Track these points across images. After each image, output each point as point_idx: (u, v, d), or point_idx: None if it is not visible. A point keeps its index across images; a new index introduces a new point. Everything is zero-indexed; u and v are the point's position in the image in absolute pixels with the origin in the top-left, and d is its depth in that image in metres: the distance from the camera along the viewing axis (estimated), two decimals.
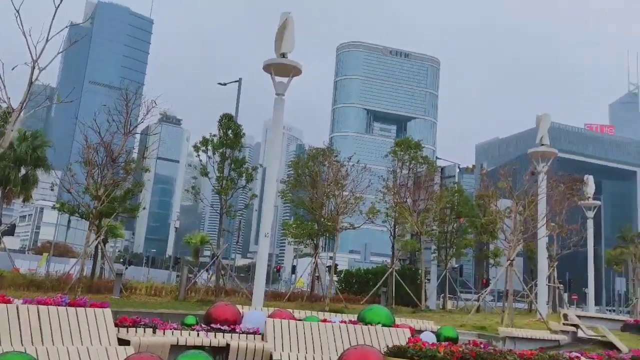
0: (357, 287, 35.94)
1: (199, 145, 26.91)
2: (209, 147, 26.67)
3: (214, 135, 26.88)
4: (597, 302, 53.03)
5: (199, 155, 27.03)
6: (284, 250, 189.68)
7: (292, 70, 19.24)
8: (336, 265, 32.88)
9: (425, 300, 32.45)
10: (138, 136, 28.84)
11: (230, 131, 27.05)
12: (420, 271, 33.44)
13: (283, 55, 19.08)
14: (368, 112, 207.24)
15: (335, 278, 32.96)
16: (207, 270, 30.90)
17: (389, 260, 34.14)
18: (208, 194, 31.19)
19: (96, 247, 25.38)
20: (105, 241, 29.09)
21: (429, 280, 37.16)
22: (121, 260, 76.66)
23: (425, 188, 34.78)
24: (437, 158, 52.80)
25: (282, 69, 19.27)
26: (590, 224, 35.07)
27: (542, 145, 26.95)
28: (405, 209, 31.72)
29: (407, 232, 35.88)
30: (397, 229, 34.05)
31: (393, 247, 33.60)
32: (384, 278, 30.69)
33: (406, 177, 34.43)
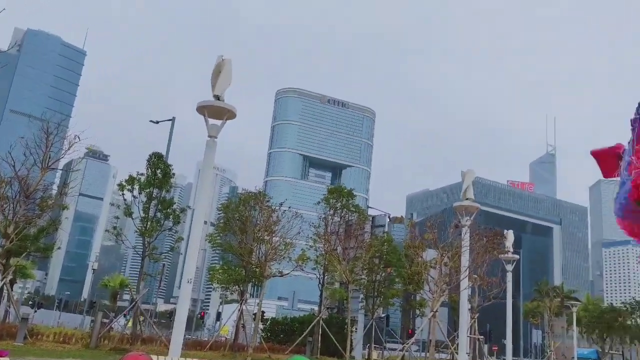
0: (283, 335, 35.14)
1: (124, 183, 25.95)
2: (136, 186, 25.76)
3: (142, 174, 26.05)
4: (515, 354, 54.56)
5: (123, 193, 26.04)
6: (209, 295, 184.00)
7: (226, 113, 19.05)
8: (263, 312, 32.10)
9: (351, 351, 32.10)
10: (59, 171, 27.47)
11: (159, 171, 26.31)
12: (347, 320, 33.23)
13: (217, 98, 18.95)
14: (304, 158, 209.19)
15: (261, 326, 32.08)
16: (124, 316, 29.26)
17: (317, 308, 33.71)
18: (132, 234, 29.91)
19: (1, 288, 23.50)
20: (13, 282, 27.01)
21: (356, 329, 36.92)
22: (30, 302, 71.50)
23: (355, 236, 35.00)
24: (368, 207, 53.66)
25: (215, 111, 19.05)
26: (509, 277, 36.35)
27: (467, 199, 27.94)
28: (334, 257, 31.68)
29: (335, 280, 35.78)
30: (326, 277, 33.86)
31: (321, 295, 33.30)
32: (310, 327, 30.20)
33: (337, 225, 34.57)
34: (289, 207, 30.37)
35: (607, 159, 6.33)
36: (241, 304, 28.60)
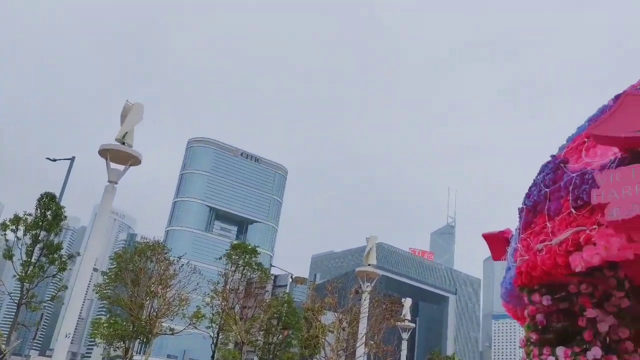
0: None
1: (8, 223, 23.84)
2: (21, 227, 23.73)
3: (29, 214, 24.09)
4: None
5: (5, 233, 23.86)
6: (91, 350, 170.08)
7: (130, 159, 18.28)
8: None
9: None
10: None
11: (49, 212, 24.48)
12: None
13: (123, 142, 18.18)
14: (210, 210, 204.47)
15: None
16: None
17: None
18: (10, 279, 27.25)
19: None
20: None
21: None
22: None
23: (255, 295, 34.16)
24: (272, 265, 52.91)
25: (119, 155, 18.23)
26: (404, 345, 36.79)
27: (369, 265, 28.31)
28: (231, 316, 30.56)
29: (230, 340, 34.39)
30: (220, 337, 32.46)
31: (213, 355, 31.75)
32: None
33: (238, 282, 33.62)
34: (188, 262, 29.18)
35: (497, 242, 6.56)
36: None
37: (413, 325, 37.58)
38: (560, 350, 4.72)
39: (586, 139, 5.17)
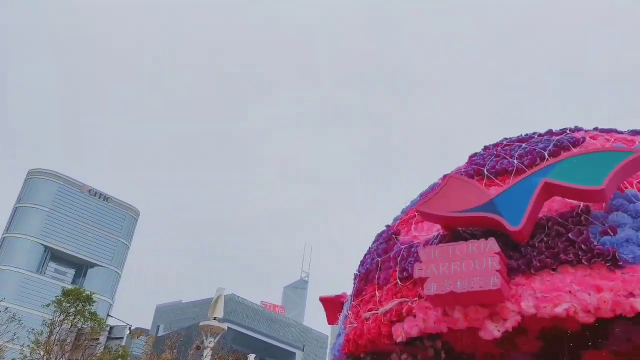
0: None
1: None
2: None
3: None
4: None
5: None
6: None
7: None
8: None
9: None
10: None
11: None
12: None
13: None
14: (45, 249, 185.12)
15: None
16: None
17: None
18: None
19: None
20: None
21: None
22: None
23: (84, 348, 31.09)
24: (109, 315, 48.85)
25: None
26: None
27: (214, 319, 27.34)
28: None
29: None
30: None
31: None
32: None
33: (66, 333, 30.43)
34: (7, 308, 25.84)
35: (332, 306, 6.63)
36: None
37: None
38: None
39: (416, 213, 5.50)
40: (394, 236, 5.54)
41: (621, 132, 5.79)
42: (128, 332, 42.64)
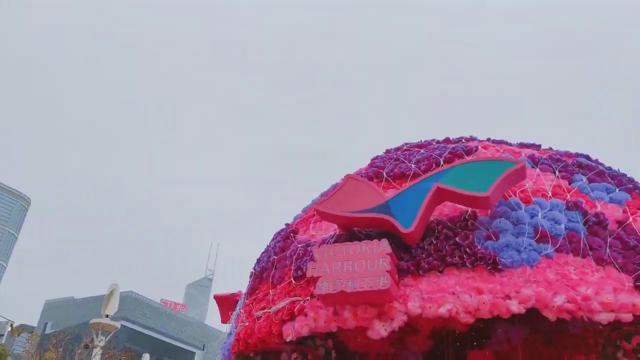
0: None
1: None
2: None
3: None
4: None
5: None
6: None
7: None
8: None
9: None
10: None
11: None
12: None
13: None
14: None
15: None
16: None
17: None
18: None
19: None
20: None
21: None
22: None
23: None
24: None
25: None
26: None
27: (106, 316, 26.05)
28: None
29: None
30: None
31: None
32: None
33: None
34: None
35: (227, 305, 6.47)
36: None
37: None
38: None
39: (315, 212, 5.49)
40: (292, 235, 5.50)
41: (510, 144, 6.15)
42: (9, 329, 39.58)
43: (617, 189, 4.90)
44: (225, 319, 6.40)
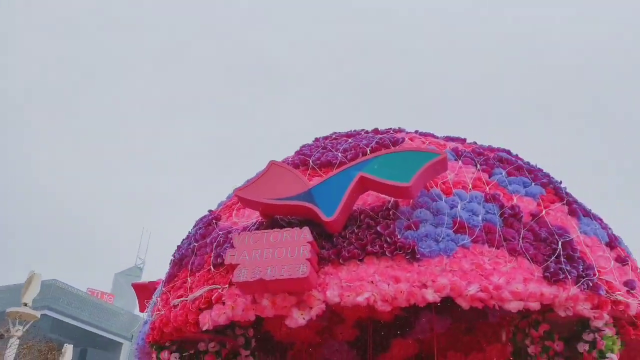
0: None
1: None
2: None
3: None
4: None
5: None
6: None
7: None
8: None
9: None
10: None
11: None
12: None
13: None
14: None
15: None
16: None
17: None
18: None
19: None
20: None
21: None
22: None
23: None
24: None
25: None
26: None
27: (25, 305, 24.68)
28: None
29: None
30: None
31: None
32: None
33: None
34: None
35: (146, 293, 6.24)
36: None
37: None
38: None
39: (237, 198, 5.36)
40: (214, 221, 5.36)
41: (437, 137, 6.25)
42: None
43: (533, 183, 5.07)
44: (143, 308, 6.16)
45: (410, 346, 7.81)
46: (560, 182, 5.31)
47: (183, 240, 5.59)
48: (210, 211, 5.71)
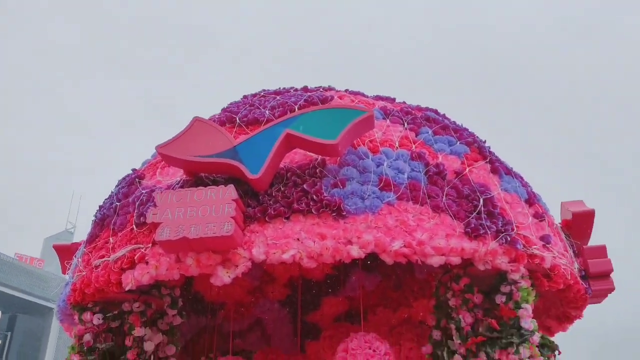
0: None
1: None
2: None
3: None
4: None
5: None
6: None
7: None
8: None
9: None
10: None
11: None
12: None
13: None
14: None
15: None
16: None
17: None
18: None
19: None
20: None
21: None
22: None
23: None
24: None
25: None
26: None
27: None
28: None
29: None
30: None
31: None
32: None
33: None
34: None
35: (69, 255, 5.99)
36: None
37: None
38: None
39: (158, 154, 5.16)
40: (137, 180, 5.16)
41: (367, 96, 6.24)
42: None
43: (458, 142, 5.17)
44: (66, 270, 5.92)
45: (340, 303, 7.97)
46: (485, 142, 5.45)
47: (105, 200, 5.37)
48: (133, 170, 5.50)
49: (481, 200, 4.54)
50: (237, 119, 5.14)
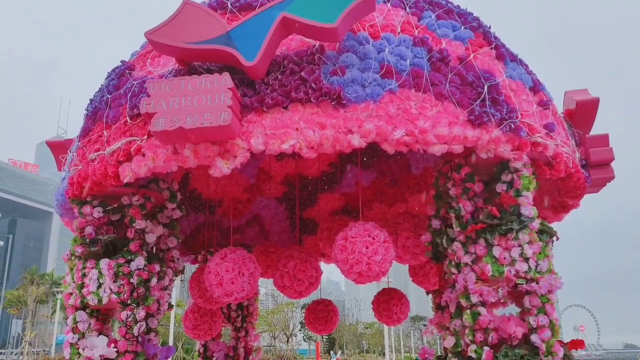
0: None
1: None
2: None
3: None
4: None
5: None
6: None
7: None
8: None
9: None
10: None
11: None
12: None
13: None
14: None
15: None
16: None
17: None
18: None
19: None
20: None
21: None
22: None
23: None
24: None
25: None
26: None
27: None
28: None
29: None
30: None
31: None
32: None
33: None
34: None
35: (64, 151, 5.88)
36: None
37: None
38: (104, 263, 4.53)
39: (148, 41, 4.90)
40: (127, 72, 4.93)
41: None
42: None
43: (462, 27, 4.92)
44: (61, 166, 5.83)
45: (336, 199, 8.04)
46: (490, 27, 5.19)
47: (96, 93, 5.17)
48: (122, 62, 5.25)
49: (485, 87, 4.38)
50: (229, 4, 4.82)
